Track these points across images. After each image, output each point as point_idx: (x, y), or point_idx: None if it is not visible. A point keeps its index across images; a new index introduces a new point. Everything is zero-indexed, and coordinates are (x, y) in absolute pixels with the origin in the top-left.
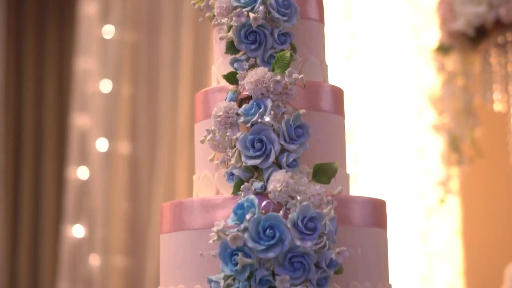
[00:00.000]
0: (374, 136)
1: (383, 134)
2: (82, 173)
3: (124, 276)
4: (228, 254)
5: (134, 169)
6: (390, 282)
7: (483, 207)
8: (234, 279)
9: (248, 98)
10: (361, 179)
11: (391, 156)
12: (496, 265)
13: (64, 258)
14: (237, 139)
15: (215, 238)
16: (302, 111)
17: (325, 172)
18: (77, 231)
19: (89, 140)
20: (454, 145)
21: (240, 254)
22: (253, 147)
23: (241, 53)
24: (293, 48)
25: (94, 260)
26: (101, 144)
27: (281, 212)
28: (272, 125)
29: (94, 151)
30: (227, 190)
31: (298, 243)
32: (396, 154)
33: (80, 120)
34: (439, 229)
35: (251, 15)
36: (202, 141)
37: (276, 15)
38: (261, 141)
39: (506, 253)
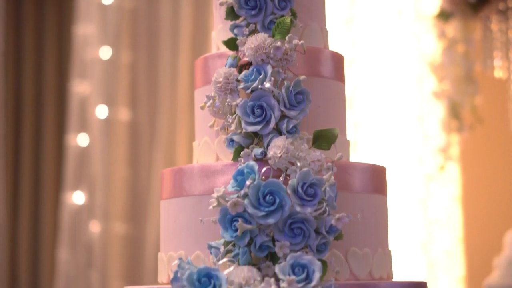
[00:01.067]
0: (375, 103)
1: (383, 101)
2: (82, 140)
3: (124, 243)
4: (228, 220)
5: (134, 135)
6: (390, 248)
7: (483, 173)
8: (234, 245)
9: (248, 64)
10: (361, 146)
11: (391, 123)
12: (495, 231)
13: (64, 224)
14: (237, 105)
15: (215, 204)
16: (302, 77)
17: (325, 138)
18: (77, 198)
19: (88, 107)
20: (454, 112)
21: (240, 220)
22: (253, 113)
23: (241, 19)
24: (293, 14)
25: (94, 227)
26: (101, 111)
27: (281, 178)
28: (272, 91)
29: (94, 118)
30: (227, 156)
31: (298, 209)
32: (396, 121)
33: (79, 87)
34: (438, 196)
35: None
36: (202, 108)
37: None
38: (261, 107)
39: (505, 220)
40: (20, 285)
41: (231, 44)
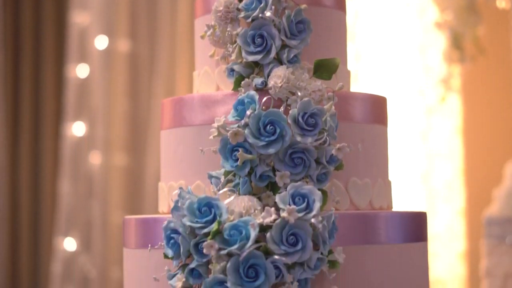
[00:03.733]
0: (376, 34)
1: (385, 32)
2: (81, 71)
3: (124, 173)
4: (229, 150)
5: (134, 66)
6: (390, 179)
7: (484, 105)
8: (234, 175)
9: None
10: (362, 77)
11: (393, 54)
12: (496, 163)
13: (65, 156)
14: (237, 34)
15: (216, 134)
16: (303, 6)
17: (326, 68)
18: (77, 129)
19: (88, 37)
20: (456, 42)
21: (240, 150)
22: (253, 42)
23: None
24: None
25: (95, 158)
26: (101, 42)
27: (282, 108)
28: (273, 20)
29: (93, 49)
30: (227, 86)
31: (298, 139)
32: (397, 52)
33: (79, 17)
34: (439, 127)
35: None
36: (202, 37)
37: None
38: (261, 36)
39: (506, 151)
40: (21, 215)
41: None
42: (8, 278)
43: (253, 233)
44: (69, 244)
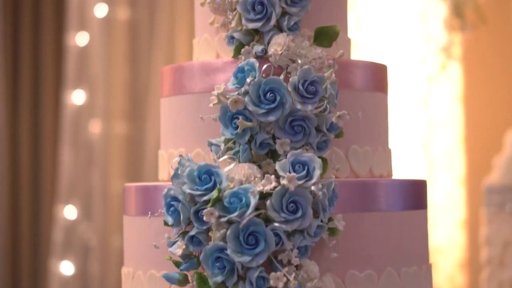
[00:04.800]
0: (377, 1)
1: (385, 0)
2: (81, 39)
3: (124, 142)
4: (229, 117)
5: (133, 34)
6: (390, 147)
7: (484, 73)
8: (234, 143)
9: None
10: (363, 45)
11: (394, 22)
12: (496, 131)
13: (65, 124)
14: (237, 1)
15: (216, 101)
16: None
17: (327, 36)
18: (77, 97)
19: (88, 5)
20: (457, 10)
21: (240, 117)
22: (253, 9)
23: None
24: None
25: (95, 126)
26: (100, 9)
27: (282, 76)
28: None
29: (93, 17)
30: (227, 53)
31: (298, 106)
32: (398, 20)
33: None
34: (440, 95)
35: None
36: (202, 4)
37: None
38: (261, 3)
39: (506, 120)
40: (22, 184)
41: None
42: (8, 247)
43: (253, 201)
44: (70, 212)
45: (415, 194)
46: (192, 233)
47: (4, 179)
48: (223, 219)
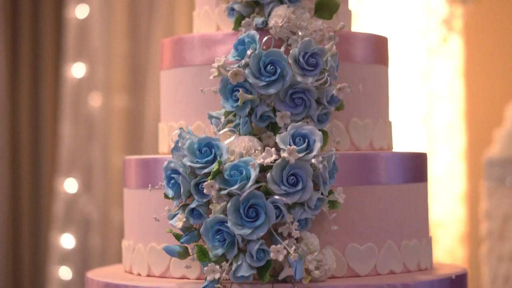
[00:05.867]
0: None
1: None
2: (81, 11)
3: (124, 115)
4: (229, 90)
5: (134, 6)
6: (391, 119)
7: (485, 46)
8: (234, 115)
9: None
10: (364, 17)
11: None
12: (497, 104)
13: (65, 97)
14: None
15: (216, 74)
16: None
17: (328, 8)
18: (77, 71)
19: None
20: None
21: (241, 90)
22: None
23: None
24: None
25: (95, 100)
26: None
27: (282, 48)
28: None
29: None
30: (227, 26)
31: (299, 79)
32: None
33: None
34: (441, 68)
35: None
36: None
37: None
38: None
39: (507, 93)
40: (22, 156)
41: None
42: (8, 220)
43: (254, 173)
44: (70, 185)
45: (415, 167)
46: (192, 205)
47: (4, 152)
48: (224, 192)
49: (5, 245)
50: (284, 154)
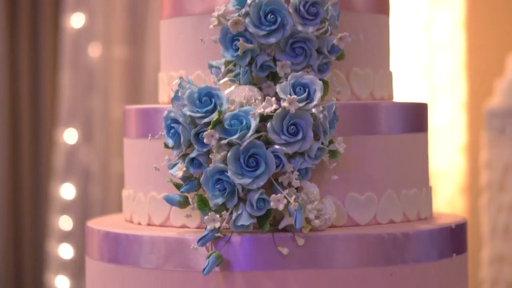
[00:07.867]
0: None
1: None
2: None
3: (124, 65)
4: (229, 39)
5: None
6: (391, 69)
7: None
8: (234, 65)
9: None
10: None
11: None
12: (498, 56)
13: (64, 48)
14: None
15: (216, 23)
16: None
17: None
18: (76, 21)
19: None
20: None
21: (241, 39)
22: None
23: None
24: None
25: (94, 50)
26: None
27: None
28: None
29: None
30: None
31: (299, 28)
32: None
33: None
34: (442, 19)
35: None
36: None
37: None
38: None
39: (508, 44)
40: (21, 107)
41: None
42: (9, 172)
43: (254, 123)
44: (70, 136)
45: (416, 116)
46: (192, 155)
47: (3, 103)
48: (224, 141)
49: (6, 194)
50: (284, 104)
